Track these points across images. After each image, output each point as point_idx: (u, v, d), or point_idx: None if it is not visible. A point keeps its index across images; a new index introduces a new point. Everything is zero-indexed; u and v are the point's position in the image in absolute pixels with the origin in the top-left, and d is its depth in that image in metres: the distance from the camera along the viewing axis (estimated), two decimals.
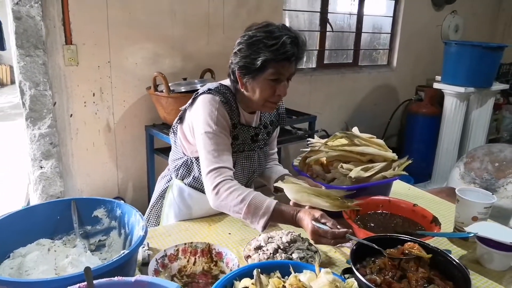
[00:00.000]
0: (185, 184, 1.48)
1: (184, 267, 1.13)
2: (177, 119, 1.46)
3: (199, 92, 1.37)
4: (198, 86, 2.54)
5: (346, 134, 1.53)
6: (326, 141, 1.56)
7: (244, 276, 0.89)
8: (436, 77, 4.01)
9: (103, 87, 2.68)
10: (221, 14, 3.04)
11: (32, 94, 2.39)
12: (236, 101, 1.38)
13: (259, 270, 0.82)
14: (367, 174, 1.43)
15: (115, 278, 0.81)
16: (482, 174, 2.97)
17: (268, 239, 1.16)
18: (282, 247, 1.12)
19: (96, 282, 0.80)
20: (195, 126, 1.33)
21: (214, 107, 1.30)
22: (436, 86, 3.92)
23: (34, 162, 2.51)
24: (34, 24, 2.32)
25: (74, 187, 2.71)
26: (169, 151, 1.59)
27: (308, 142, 1.61)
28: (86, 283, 0.79)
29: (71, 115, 2.60)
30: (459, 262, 1.01)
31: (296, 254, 1.10)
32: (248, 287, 0.79)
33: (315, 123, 3.28)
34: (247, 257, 1.13)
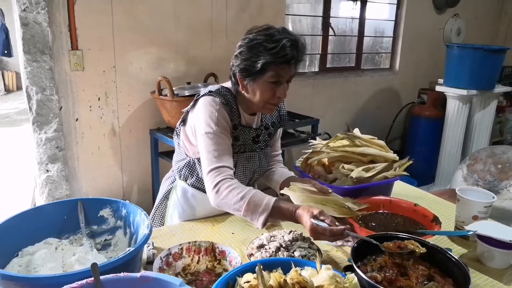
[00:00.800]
0: (188, 184, 1.50)
1: (188, 266, 1.15)
2: (180, 121, 1.49)
3: (201, 94, 1.41)
4: (202, 90, 2.57)
5: (347, 135, 1.55)
6: (328, 142, 1.58)
7: (246, 272, 0.91)
8: (438, 80, 4.03)
9: (108, 92, 2.72)
10: (224, 19, 3.07)
11: (38, 99, 2.44)
12: (236, 102, 1.41)
13: (261, 265, 0.84)
14: (368, 174, 1.45)
15: (121, 274, 0.84)
16: (485, 176, 2.98)
17: (270, 238, 1.18)
18: (284, 246, 1.14)
19: (102, 278, 0.82)
20: (197, 127, 1.36)
21: (214, 109, 1.33)
22: (438, 89, 3.94)
23: (41, 165, 2.54)
24: (41, 30, 2.36)
25: (79, 191, 2.74)
26: (173, 154, 1.61)
27: (310, 144, 1.63)
28: (93, 279, 0.81)
29: (77, 120, 2.64)
30: (459, 259, 1.02)
31: (297, 252, 1.12)
32: (250, 282, 0.81)
33: (318, 126, 3.30)
34: (250, 255, 1.15)
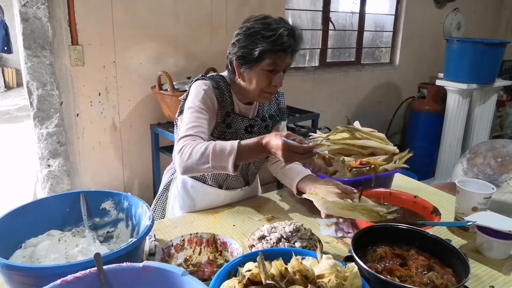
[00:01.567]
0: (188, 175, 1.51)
1: (190, 257, 1.16)
2: (178, 112, 1.50)
3: (194, 79, 1.44)
4: None
5: (348, 127, 1.55)
6: (328, 135, 1.58)
7: (247, 262, 0.92)
8: (438, 74, 4.03)
9: (109, 87, 2.72)
10: (223, 14, 3.07)
11: (39, 94, 2.44)
12: (230, 90, 1.43)
13: (263, 254, 0.84)
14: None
15: (124, 264, 0.84)
16: (485, 169, 2.99)
17: (271, 229, 1.19)
18: (285, 237, 1.15)
19: (105, 267, 0.83)
20: (185, 107, 1.39)
21: (202, 89, 1.37)
22: (438, 83, 3.94)
23: (42, 160, 2.55)
24: (41, 25, 2.36)
25: (81, 185, 2.75)
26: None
27: (310, 137, 1.64)
28: (96, 269, 0.82)
29: (78, 115, 2.65)
30: (458, 249, 1.03)
31: (298, 243, 1.13)
32: (251, 270, 0.82)
33: (318, 121, 3.31)
34: (251, 246, 1.15)
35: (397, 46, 4.58)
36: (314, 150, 1.12)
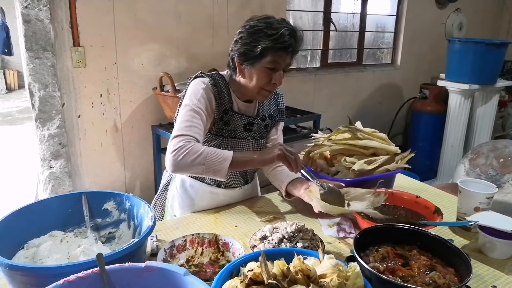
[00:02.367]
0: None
1: (191, 257, 1.16)
2: (177, 111, 1.51)
3: (193, 76, 1.45)
4: None
5: (349, 128, 1.55)
6: (330, 135, 1.58)
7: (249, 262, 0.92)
8: (440, 74, 4.02)
9: (110, 88, 2.73)
10: (225, 15, 3.08)
11: (41, 96, 2.45)
12: (229, 88, 1.44)
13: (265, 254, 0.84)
14: (370, 167, 1.45)
15: (126, 264, 0.85)
16: (487, 170, 2.98)
17: (273, 230, 1.19)
18: (287, 237, 1.14)
19: (108, 267, 0.83)
20: (181, 103, 1.41)
21: (201, 87, 1.38)
22: (440, 83, 3.93)
23: (44, 162, 2.55)
24: (43, 27, 2.37)
25: (82, 187, 2.75)
26: None
27: (312, 137, 1.64)
28: (98, 269, 0.82)
29: (79, 116, 2.65)
30: (460, 249, 1.03)
31: (300, 244, 1.12)
32: (253, 270, 0.82)
33: (320, 122, 3.31)
34: (253, 247, 1.15)
35: (398, 47, 4.58)
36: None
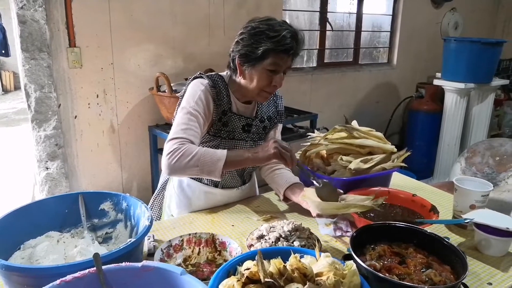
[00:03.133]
0: None
1: (189, 257, 1.16)
2: (175, 111, 1.51)
3: (192, 77, 1.45)
4: None
5: (345, 127, 1.56)
6: (326, 134, 1.59)
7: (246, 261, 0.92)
8: (436, 74, 4.04)
9: (107, 89, 2.72)
10: (221, 15, 3.08)
11: (37, 97, 2.44)
12: (228, 89, 1.44)
13: (261, 253, 0.85)
14: (367, 165, 1.46)
15: (123, 264, 0.85)
16: (483, 168, 3.00)
17: (270, 229, 1.19)
18: (283, 236, 1.15)
19: (104, 267, 0.83)
20: (179, 105, 1.41)
21: (199, 89, 1.38)
22: (436, 82, 3.95)
23: (40, 163, 2.55)
24: (39, 27, 2.36)
25: (79, 188, 2.74)
26: None
27: (308, 136, 1.64)
28: (95, 269, 0.82)
29: (76, 117, 2.65)
30: (456, 247, 1.03)
31: (297, 242, 1.13)
32: (250, 268, 0.82)
33: (316, 121, 3.31)
34: (250, 246, 1.15)
35: (394, 46, 4.59)
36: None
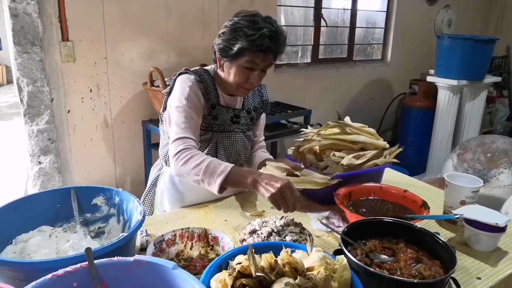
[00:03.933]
0: None
1: (181, 252, 1.17)
2: (162, 108, 1.51)
3: (177, 73, 1.45)
4: None
5: (338, 123, 1.56)
6: (319, 130, 1.59)
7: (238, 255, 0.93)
8: (429, 70, 4.06)
9: (100, 83, 2.71)
10: (215, 10, 3.07)
11: (29, 91, 2.42)
12: (215, 83, 1.45)
13: (253, 248, 0.85)
14: (359, 161, 1.46)
15: (115, 258, 0.85)
16: (474, 164, 3.02)
17: (262, 224, 1.20)
18: (276, 231, 1.16)
19: (96, 262, 0.83)
20: (171, 103, 1.41)
21: (187, 85, 1.39)
22: (429, 79, 3.97)
23: (33, 158, 2.53)
24: (31, 21, 2.34)
25: (72, 182, 2.74)
26: None
27: (301, 132, 1.65)
28: (87, 263, 0.82)
29: (69, 111, 2.63)
30: (446, 242, 1.05)
31: (289, 237, 1.14)
32: (241, 263, 0.82)
33: (310, 117, 3.32)
34: (242, 241, 1.16)
35: (388, 43, 4.61)
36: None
